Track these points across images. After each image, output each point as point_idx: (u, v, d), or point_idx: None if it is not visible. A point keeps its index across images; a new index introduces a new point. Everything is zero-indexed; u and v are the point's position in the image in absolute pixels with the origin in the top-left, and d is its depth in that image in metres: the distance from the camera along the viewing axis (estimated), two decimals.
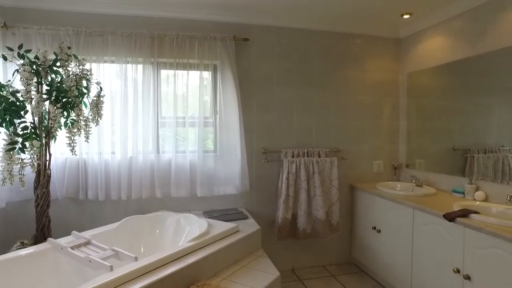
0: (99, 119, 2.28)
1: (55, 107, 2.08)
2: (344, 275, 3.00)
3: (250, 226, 2.41)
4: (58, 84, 2.11)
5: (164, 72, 2.78)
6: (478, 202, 2.28)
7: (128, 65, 2.61)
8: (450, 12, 2.69)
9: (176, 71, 2.71)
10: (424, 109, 3.08)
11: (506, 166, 2.38)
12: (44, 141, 2.10)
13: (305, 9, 2.73)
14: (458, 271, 1.99)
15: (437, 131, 2.94)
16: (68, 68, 2.17)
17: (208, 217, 2.55)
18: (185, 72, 2.72)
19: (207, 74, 2.84)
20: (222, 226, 2.26)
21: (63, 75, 2.17)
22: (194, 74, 2.75)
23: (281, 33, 2.96)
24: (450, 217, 2.00)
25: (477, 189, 2.44)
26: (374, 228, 2.82)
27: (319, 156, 3.00)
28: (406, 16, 2.82)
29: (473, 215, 1.95)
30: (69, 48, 2.20)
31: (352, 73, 3.17)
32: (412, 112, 3.20)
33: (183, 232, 2.35)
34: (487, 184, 2.40)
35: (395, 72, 3.32)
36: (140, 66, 2.64)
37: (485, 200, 2.37)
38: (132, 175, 2.62)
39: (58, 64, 2.14)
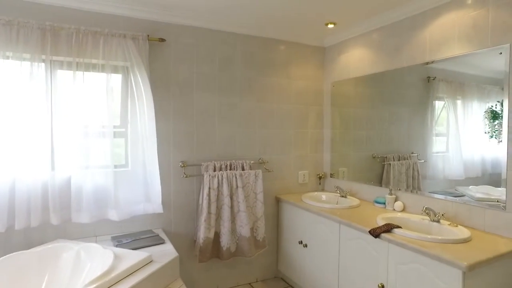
0: None
1: None
2: None
3: (166, 254, 2.10)
4: None
5: (61, 73, 2.31)
6: (399, 214, 2.31)
7: (8, 61, 2.09)
8: (370, 25, 2.73)
9: (77, 72, 2.27)
10: (346, 118, 3.12)
11: (415, 171, 2.54)
12: None
13: (229, 11, 2.51)
14: (382, 287, 1.96)
15: (359, 140, 3.00)
16: None
17: (117, 244, 2.18)
18: (88, 74, 2.29)
19: (116, 77, 2.44)
20: (132, 258, 1.91)
21: None
22: (100, 77, 2.33)
23: (202, 34, 2.70)
24: (376, 233, 1.97)
25: (396, 200, 2.49)
26: (301, 242, 2.73)
27: (243, 169, 2.81)
28: (330, 26, 2.79)
29: (396, 230, 1.94)
30: None
31: (277, 80, 3.06)
32: (336, 121, 3.22)
33: (83, 271, 1.93)
34: (405, 195, 2.47)
35: (320, 81, 3.30)
36: (26, 64, 2.14)
37: (403, 209, 2.43)
38: (16, 199, 2.11)
39: None
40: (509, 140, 1.88)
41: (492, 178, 2.09)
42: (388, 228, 1.97)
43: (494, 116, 2.07)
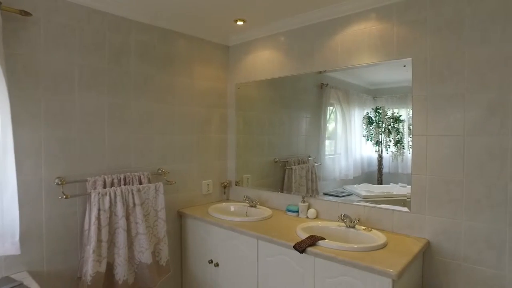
0: None
1: None
2: None
3: None
4: None
5: None
6: (317, 222, 2.27)
7: None
8: (280, 27, 2.64)
9: None
10: (250, 122, 3.01)
11: (313, 174, 2.64)
12: None
13: None
14: None
15: (261, 144, 2.93)
16: None
17: None
18: None
19: None
20: None
21: None
22: None
23: (86, 15, 2.12)
24: (301, 248, 1.85)
25: (309, 207, 2.46)
26: (211, 261, 2.43)
27: (141, 182, 2.35)
28: (240, 23, 2.59)
29: (320, 242, 1.86)
30: None
31: (179, 79, 2.68)
32: (240, 125, 3.05)
33: None
34: (318, 202, 2.46)
35: (224, 82, 3.07)
36: None
37: (317, 217, 2.42)
38: None
39: None
40: (413, 145, 2.02)
41: (370, 176, 2.35)
42: (313, 241, 1.88)
43: (370, 121, 2.28)
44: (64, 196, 1.98)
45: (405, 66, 2.05)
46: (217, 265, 2.40)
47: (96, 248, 2.02)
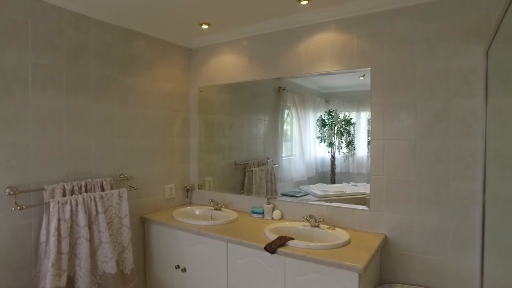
0: None
1: None
2: None
3: None
4: None
5: None
6: (283, 223, 2.36)
7: None
8: (246, 33, 2.67)
9: None
10: (212, 125, 3.02)
11: (272, 176, 2.73)
12: None
13: None
14: None
15: (223, 147, 2.97)
16: None
17: None
18: None
19: None
20: None
21: None
22: None
23: (41, 10, 1.96)
24: (272, 249, 1.91)
25: (274, 208, 2.54)
26: (178, 267, 2.40)
27: (103, 189, 2.24)
28: (204, 26, 2.57)
29: (290, 242, 1.95)
30: None
31: (141, 81, 2.59)
32: (202, 128, 3.04)
33: None
34: (282, 203, 2.54)
35: (186, 85, 3.03)
36: None
37: (282, 218, 2.51)
38: None
39: None
40: (371, 149, 2.19)
41: (323, 176, 2.51)
42: (283, 241, 1.96)
43: (323, 124, 2.45)
44: (18, 207, 1.83)
45: (364, 76, 2.21)
46: (184, 270, 2.37)
47: (55, 261, 1.89)
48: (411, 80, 2.04)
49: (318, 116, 2.48)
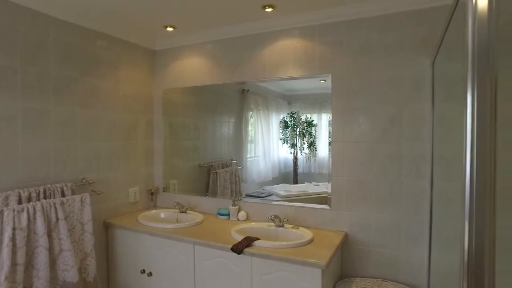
0: None
1: None
2: None
3: None
4: None
5: None
6: (249, 223, 2.41)
7: None
8: (211, 36, 2.70)
9: None
10: (176, 128, 3.01)
11: (237, 177, 2.79)
12: None
13: None
14: None
15: (187, 149, 2.97)
16: None
17: None
18: None
19: None
20: None
21: None
22: None
23: None
24: (239, 249, 1.96)
25: (239, 210, 2.59)
26: (144, 271, 2.37)
27: (63, 195, 2.17)
28: (169, 29, 2.56)
29: (256, 243, 2.01)
30: None
31: (104, 83, 2.53)
32: (167, 131, 3.02)
33: None
34: (247, 205, 2.60)
35: (150, 87, 2.99)
36: None
37: (247, 219, 2.56)
38: None
39: None
40: (332, 151, 2.31)
41: (286, 176, 2.60)
42: (249, 241, 2.02)
43: (286, 125, 2.56)
44: None
45: (325, 80, 2.33)
46: (150, 274, 2.35)
47: (9, 274, 1.80)
48: (369, 86, 2.18)
49: (281, 118, 2.56)
